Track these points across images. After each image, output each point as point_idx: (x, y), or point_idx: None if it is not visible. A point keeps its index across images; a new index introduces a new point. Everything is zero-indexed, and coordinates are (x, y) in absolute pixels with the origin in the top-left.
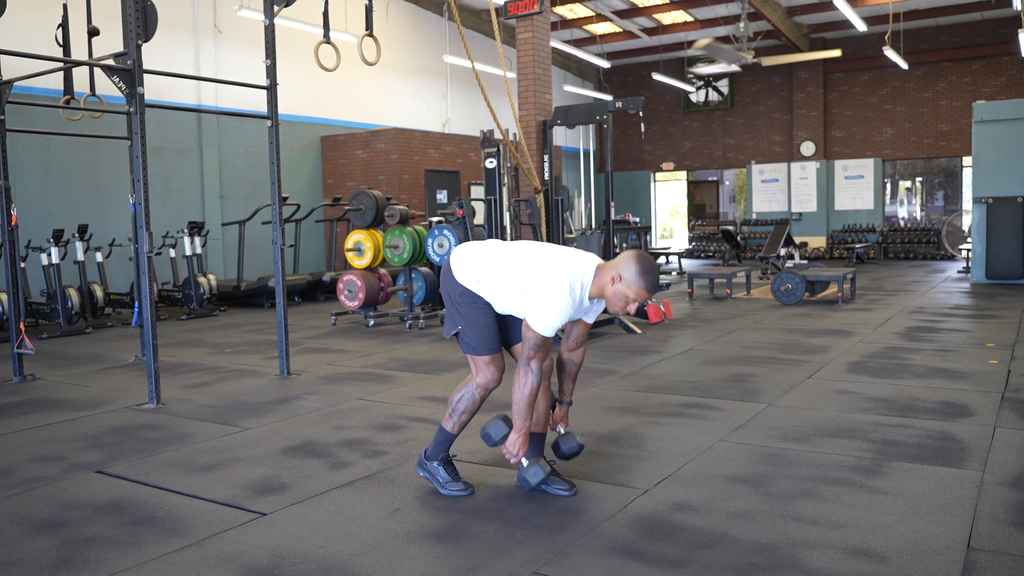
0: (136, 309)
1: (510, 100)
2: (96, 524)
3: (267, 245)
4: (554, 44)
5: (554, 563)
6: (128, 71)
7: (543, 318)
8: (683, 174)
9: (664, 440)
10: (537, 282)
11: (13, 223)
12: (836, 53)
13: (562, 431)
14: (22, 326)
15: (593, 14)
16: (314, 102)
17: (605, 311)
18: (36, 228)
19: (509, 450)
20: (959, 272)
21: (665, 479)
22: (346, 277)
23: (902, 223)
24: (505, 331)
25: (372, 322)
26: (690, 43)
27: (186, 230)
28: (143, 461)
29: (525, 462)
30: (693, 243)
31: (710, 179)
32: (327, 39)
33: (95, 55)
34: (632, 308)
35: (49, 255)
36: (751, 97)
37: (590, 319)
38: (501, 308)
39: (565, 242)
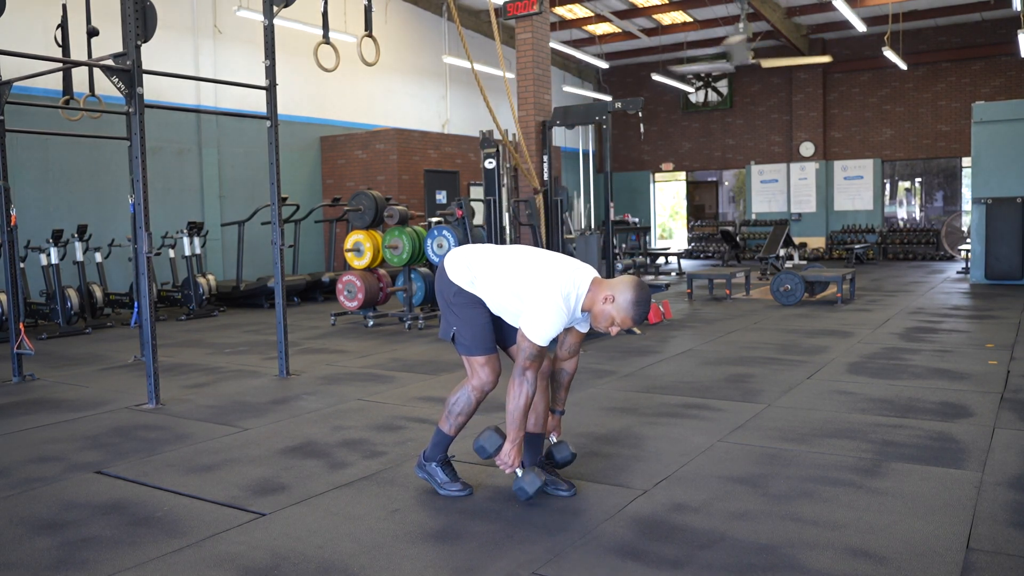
0: (135, 309)
1: (509, 100)
2: (95, 524)
3: (266, 245)
4: (553, 45)
5: (553, 563)
6: (127, 71)
7: (537, 327)
8: (682, 174)
9: (663, 440)
10: (531, 290)
11: (12, 223)
12: (827, 59)
13: (554, 440)
14: (21, 326)
15: (592, 15)
16: (313, 102)
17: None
18: (35, 228)
19: (504, 460)
20: (958, 273)
21: (664, 479)
22: (345, 277)
23: (901, 224)
24: (500, 331)
25: (371, 322)
26: (689, 43)
27: (185, 230)
28: (142, 461)
29: (520, 471)
30: (692, 244)
31: (709, 179)
32: (326, 40)
33: (94, 55)
34: (614, 331)
35: (48, 255)
36: (750, 98)
37: (583, 329)
38: (494, 310)
39: (564, 243)
